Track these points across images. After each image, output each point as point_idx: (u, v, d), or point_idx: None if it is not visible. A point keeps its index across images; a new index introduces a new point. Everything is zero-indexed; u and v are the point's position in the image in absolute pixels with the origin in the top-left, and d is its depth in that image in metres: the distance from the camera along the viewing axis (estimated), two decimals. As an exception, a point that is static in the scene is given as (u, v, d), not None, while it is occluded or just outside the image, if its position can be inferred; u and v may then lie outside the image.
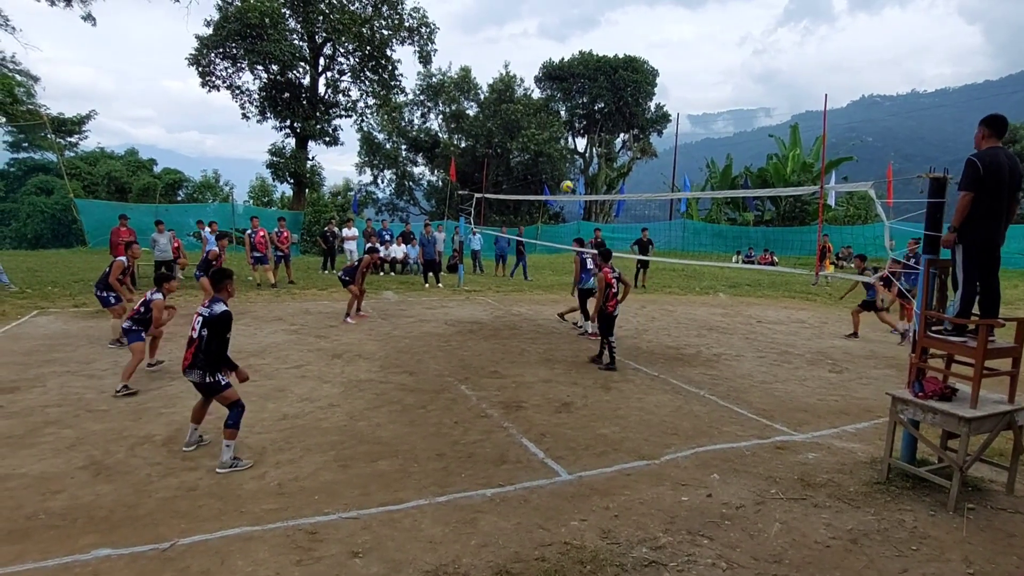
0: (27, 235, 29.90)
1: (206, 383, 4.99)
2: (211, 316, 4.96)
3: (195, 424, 5.31)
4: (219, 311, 5.00)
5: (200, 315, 5.03)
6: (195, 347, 4.97)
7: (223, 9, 25.40)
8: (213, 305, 5.02)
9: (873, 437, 6.08)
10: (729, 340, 11.09)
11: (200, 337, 4.95)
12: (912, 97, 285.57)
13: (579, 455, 5.43)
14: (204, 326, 4.96)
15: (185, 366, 5.03)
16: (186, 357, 5.03)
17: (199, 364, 4.95)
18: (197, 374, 4.97)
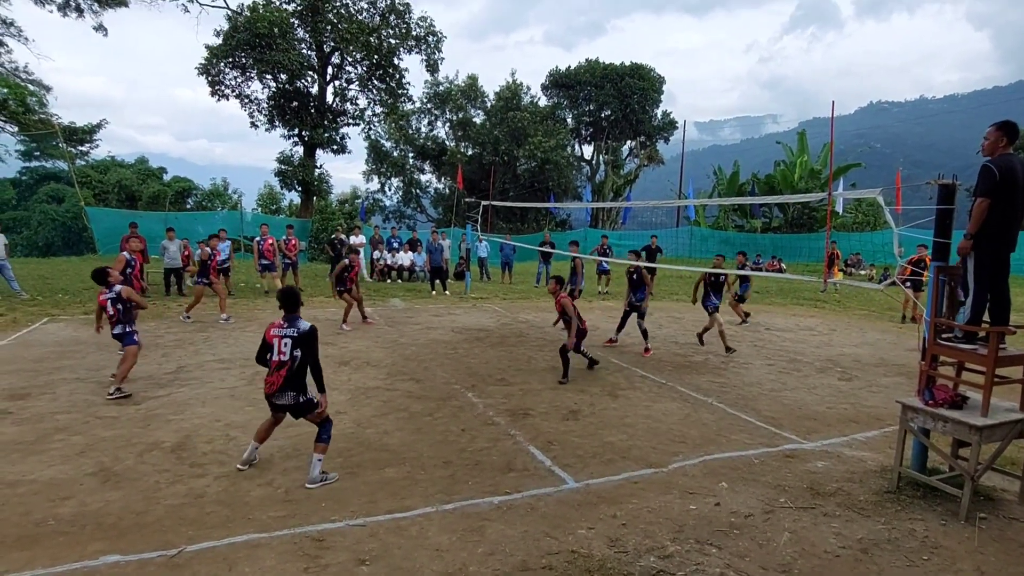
0: (38, 243, 30.21)
1: (300, 403, 4.88)
2: (301, 334, 4.85)
3: (258, 443, 5.17)
4: (306, 327, 4.90)
5: (286, 336, 4.86)
6: (286, 369, 4.81)
7: (233, 19, 25.67)
8: (297, 323, 4.92)
9: (883, 446, 6.03)
10: (737, 347, 11.04)
11: (292, 358, 4.82)
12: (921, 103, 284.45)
13: (586, 463, 5.41)
14: (296, 346, 4.83)
15: (273, 390, 4.86)
16: (272, 381, 4.85)
17: (292, 385, 4.83)
18: (290, 396, 4.84)
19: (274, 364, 4.87)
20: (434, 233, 17.64)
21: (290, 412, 5.00)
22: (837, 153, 39.02)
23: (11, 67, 27.92)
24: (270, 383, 4.88)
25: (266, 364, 4.97)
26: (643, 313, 10.32)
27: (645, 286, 10.31)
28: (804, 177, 33.38)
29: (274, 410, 5.05)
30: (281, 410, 5.02)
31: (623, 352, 10.28)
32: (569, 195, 39.63)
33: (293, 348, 4.84)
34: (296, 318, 4.98)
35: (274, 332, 4.92)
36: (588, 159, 46.35)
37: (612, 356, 9.88)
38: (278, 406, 4.96)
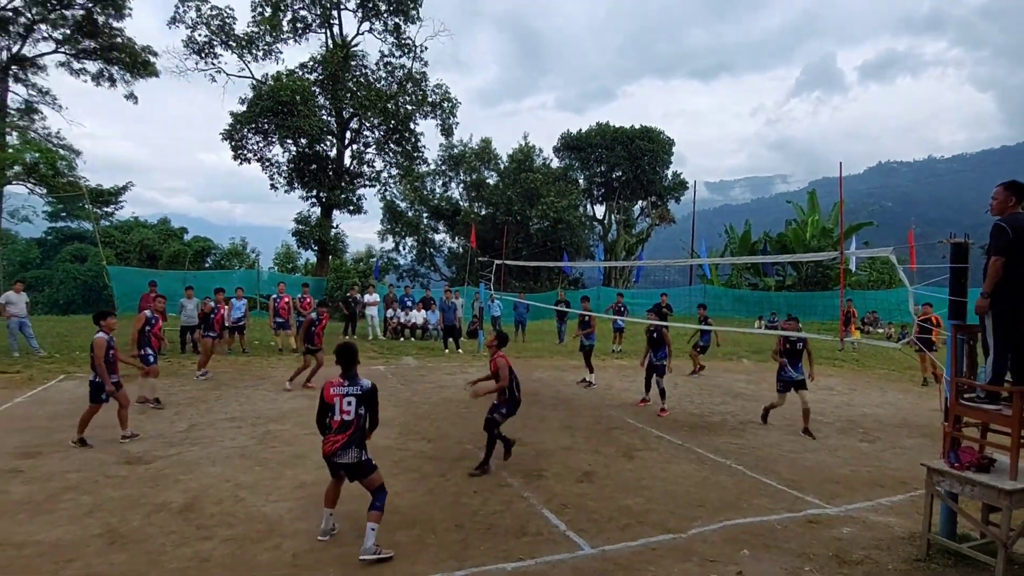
0: (59, 301, 30.73)
1: (361, 462, 4.75)
2: (364, 392, 4.80)
3: (330, 509, 4.95)
4: (368, 385, 4.88)
5: (349, 395, 4.75)
6: (353, 428, 4.71)
7: (257, 88, 26.84)
8: (359, 381, 4.86)
9: (910, 510, 5.80)
10: (755, 408, 10.81)
11: (358, 416, 4.74)
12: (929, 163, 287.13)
13: (602, 527, 5.25)
14: (360, 404, 4.75)
15: (334, 449, 4.70)
16: (335, 440, 4.69)
17: (356, 443, 4.72)
18: (354, 453, 4.71)
19: (336, 424, 4.72)
20: (447, 291, 17.76)
21: (348, 472, 4.79)
22: (848, 212, 39.23)
23: (44, 132, 29.24)
24: (332, 442, 4.72)
25: (327, 427, 4.79)
26: (663, 372, 10.22)
27: (666, 345, 10.25)
28: (816, 236, 33.48)
29: (334, 471, 4.87)
30: (341, 469, 4.82)
31: (638, 412, 10.12)
32: (582, 254, 39.93)
33: (358, 406, 4.75)
34: (356, 375, 4.90)
35: (334, 391, 4.79)
36: (600, 218, 46.93)
37: (627, 416, 9.72)
38: (339, 465, 4.77)
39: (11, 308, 12.84)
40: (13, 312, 12.85)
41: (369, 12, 28.05)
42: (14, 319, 12.88)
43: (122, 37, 28.23)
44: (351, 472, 4.80)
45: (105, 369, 7.30)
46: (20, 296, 13.07)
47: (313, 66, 27.73)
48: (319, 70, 27.56)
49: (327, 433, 4.79)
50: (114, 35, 28.02)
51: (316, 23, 28.18)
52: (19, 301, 13.00)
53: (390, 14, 28.09)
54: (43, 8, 26.44)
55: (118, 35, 28.12)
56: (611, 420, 9.39)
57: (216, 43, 26.89)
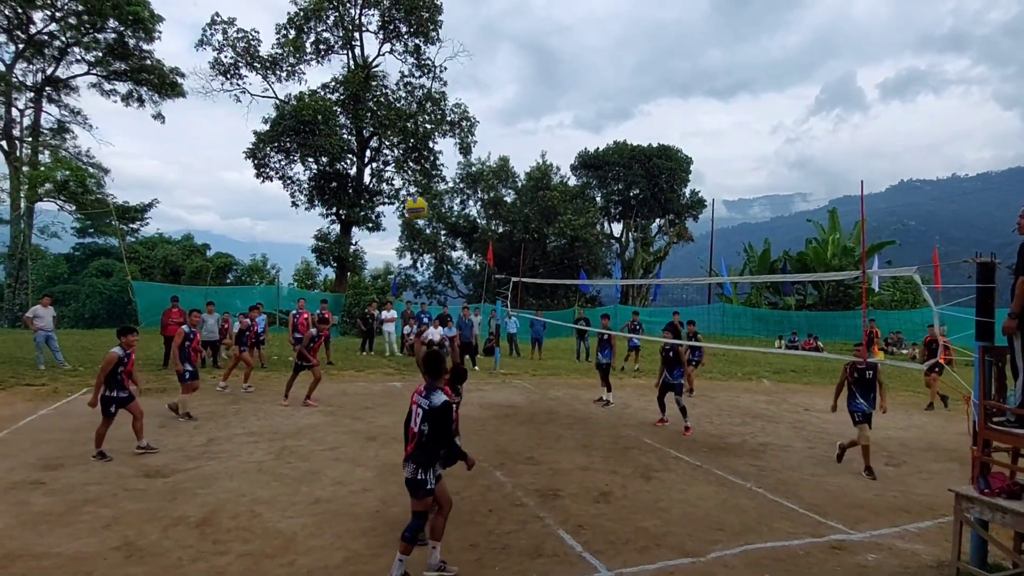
0: (85, 315, 31.34)
1: (417, 479, 4.50)
2: (431, 408, 4.51)
3: (435, 541, 4.68)
4: (438, 402, 4.52)
5: (420, 407, 4.57)
6: (416, 441, 4.53)
7: (280, 108, 27.39)
8: (432, 395, 4.57)
9: (938, 538, 5.63)
10: (776, 429, 10.64)
11: (420, 432, 4.51)
12: (954, 181, 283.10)
13: (619, 549, 5.16)
14: (425, 420, 4.50)
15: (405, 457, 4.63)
16: (408, 448, 4.61)
17: (415, 459, 4.52)
18: (410, 468, 4.52)
19: (410, 433, 4.60)
20: (465, 309, 17.79)
21: (407, 486, 4.61)
22: (870, 230, 38.70)
23: (75, 151, 30.09)
24: (406, 452, 4.62)
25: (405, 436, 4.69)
26: (680, 391, 10.11)
27: (681, 365, 10.15)
28: (837, 255, 33.06)
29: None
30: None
31: (656, 431, 9.99)
32: (599, 272, 39.83)
33: (422, 421, 4.54)
34: (435, 389, 4.64)
35: (415, 399, 4.67)
36: (617, 236, 46.85)
37: (645, 436, 9.60)
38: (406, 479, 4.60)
39: (39, 322, 13.11)
40: (40, 326, 13.12)
41: (390, 34, 28.59)
42: (41, 332, 13.14)
43: (151, 59, 29.13)
44: (407, 485, 4.59)
45: (102, 381, 7.40)
46: (48, 310, 13.35)
47: (335, 86, 28.27)
48: (341, 90, 28.07)
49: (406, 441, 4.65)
50: (144, 57, 28.91)
51: (338, 45, 28.79)
52: (46, 315, 13.27)
53: (411, 36, 28.59)
54: (77, 32, 27.36)
55: (147, 57, 29.02)
56: (628, 440, 9.29)
57: (241, 64, 27.57)
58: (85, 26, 27.14)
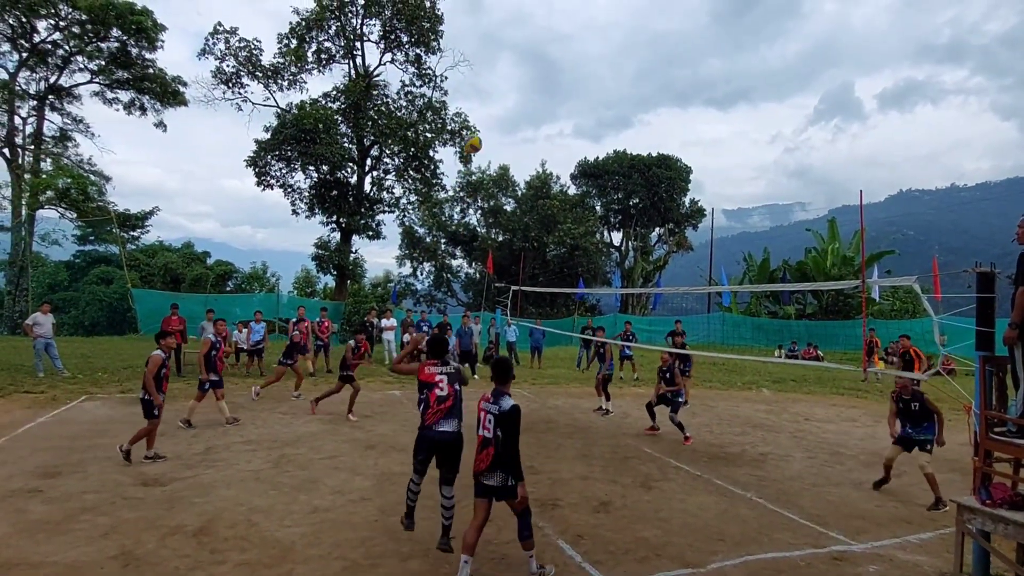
0: (84, 322, 31.28)
1: (507, 487, 4.58)
2: (501, 412, 4.61)
3: (468, 555, 4.59)
4: (507, 406, 4.62)
5: (490, 413, 4.68)
6: (492, 448, 4.59)
7: (281, 116, 27.50)
8: (501, 400, 4.69)
9: (940, 549, 5.60)
10: (776, 438, 10.61)
11: (496, 437, 4.59)
12: (952, 191, 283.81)
13: (619, 560, 5.13)
14: (498, 425, 4.59)
15: (481, 469, 4.65)
16: (481, 459, 4.66)
17: (501, 466, 4.56)
18: (499, 477, 4.57)
19: (479, 440, 4.72)
20: (465, 317, 17.78)
21: (493, 495, 4.68)
22: (869, 240, 38.78)
23: (76, 159, 30.18)
24: (479, 461, 4.67)
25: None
26: (676, 409, 10.07)
27: (682, 388, 10.31)
28: (837, 264, 33.11)
29: (480, 492, 4.71)
30: (488, 492, 4.67)
31: (655, 441, 9.96)
32: (598, 281, 39.85)
33: (496, 426, 4.61)
34: (503, 394, 4.76)
35: (482, 405, 4.82)
36: (617, 245, 46.90)
37: (644, 445, 9.57)
38: (486, 487, 4.65)
39: (38, 329, 13.11)
40: (40, 333, 13.11)
41: (391, 44, 28.74)
42: (40, 340, 13.13)
43: (154, 68, 29.29)
44: (496, 494, 4.66)
45: (154, 385, 7.54)
46: (47, 317, 13.35)
47: (336, 95, 28.40)
48: (342, 99, 28.20)
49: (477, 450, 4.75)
50: (146, 66, 29.07)
51: (340, 54, 28.94)
52: (46, 322, 13.26)
53: (412, 45, 28.74)
54: (80, 41, 27.51)
55: (150, 66, 29.18)
56: (628, 449, 9.26)
57: (243, 74, 27.71)
58: (88, 35, 27.29)
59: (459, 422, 5.15)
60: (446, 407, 5.15)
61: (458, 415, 5.18)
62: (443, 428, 5.11)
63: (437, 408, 5.15)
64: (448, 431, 5.11)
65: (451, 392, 5.20)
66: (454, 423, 5.13)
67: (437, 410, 5.14)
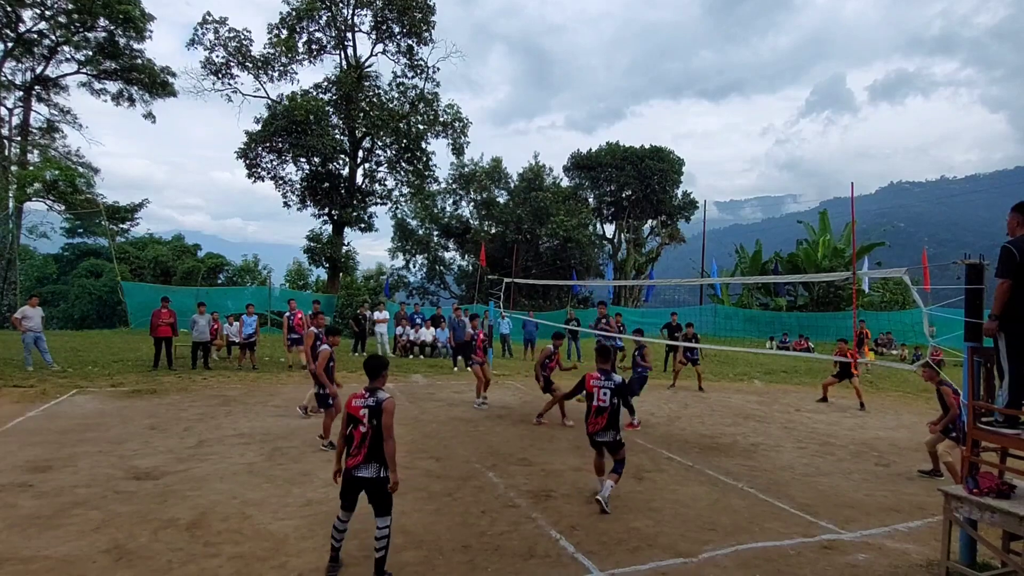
0: (74, 316, 31.04)
1: (618, 441, 6.22)
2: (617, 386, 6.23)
3: (601, 475, 6.40)
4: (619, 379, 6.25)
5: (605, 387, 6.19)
6: (607, 414, 6.16)
7: (272, 107, 27.30)
8: (612, 376, 6.26)
9: (928, 537, 5.67)
10: (767, 429, 10.69)
11: (612, 405, 6.16)
12: (942, 183, 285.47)
13: (612, 550, 5.17)
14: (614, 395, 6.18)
15: (596, 430, 6.22)
16: (596, 423, 6.20)
17: (612, 427, 6.17)
18: (611, 435, 6.20)
19: (594, 408, 6.19)
20: (456, 309, 17.78)
21: (609, 448, 6.26)
22: (860, 232, 39.01)
23: (64, 151, 29.86)
24: (593, 424, 6.23)
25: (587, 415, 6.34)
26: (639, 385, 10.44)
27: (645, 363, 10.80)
28: (828, 256, 33.27)
29: (596, 447, 6.37)
30: (600, 446, 6.34)
31: (647, 432, 10.02)
32: (591, 273, 39.90)
33: (611, 397, 6.15)
34: (609, 373, 6.29)
35: (593, 383, 6.23)
36: (610, 237, 46.94)
37: (637, 437, 9.61)
38: (599, 443, 6.30)
39: (27, 323, 13.00)
40: (29, 327, 13.00)
41: (383, 35, 28.56)
42: (30, 333, 13.03)
43: (142, 58, 28.98)
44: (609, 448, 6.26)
45: (326, 377, 8.14)
46: (36, 311, 13.23)
47: (327, 86, 28.22)
48: (333, 90, 28.03)
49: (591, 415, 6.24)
50: (134, 56, 28.75)
51: (331, 45, 28.73)
52: (35, 316, 13.15)
53: (403, 36, 28.57)
54: (67, 31, 27.14)
55: (138, 56, 28.87)
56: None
57: (233, 64, 27.47)
58: (75, 25, 26.94)
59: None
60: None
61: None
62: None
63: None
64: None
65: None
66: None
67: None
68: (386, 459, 4.48)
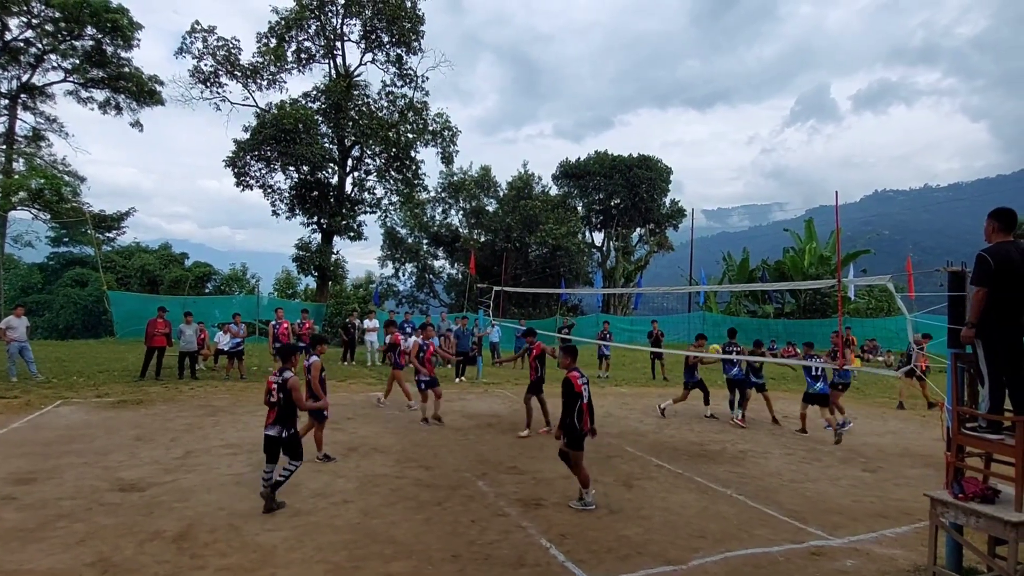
0: (59, 325, 30.68)
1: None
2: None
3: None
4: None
5: (586, 384, 6.67)
6: (590, 412, 6.56)
7: (261, 116, 27.21)
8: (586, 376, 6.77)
9: (915, 542, 5.72)
10: (755, 436, 10.75)
11: (590, 402, 6.60)
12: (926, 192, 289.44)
13: (601, 558, 5.17)
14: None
15: (590, 426, 6.54)
16: (588, 419, 6.51)
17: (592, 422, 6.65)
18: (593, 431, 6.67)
19: (584, 406, 6.48)
20: (463, 320, 17.74)
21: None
22: (845, 239, 39.41)
23: (50, 159, 29.54)
24: (585, 421, 6.51)
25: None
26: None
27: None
28: (814, 263, 33.59)
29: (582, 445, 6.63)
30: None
31: (637, 440, 10.04)
32: (580, 281, 39.99)
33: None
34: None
35: (579, 382, 6.51)
36: (599, 245, 47.11)
37: (626, 444, 9.64)
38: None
39: (11, 333, 12.83)
40: (13, 337, 12.83)
41: (372, 44, 28.59)
42: (14, 343, 12.86)
43: (129, 67, 28.78)
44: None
45: (320, 389, 7.77)
46: (21, 321, 13.07)
47: (316, 95, 28.17)
48: (322, 99, 27.98)
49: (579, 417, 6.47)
50: (122, 65, 28.55)
51: (320, 54, 28.72)
52: (20, 326, 12.99)
53: (392, 45, 28.61)
54: (54, 39, 26.95)
55: (126, 65, 28.67)
56: (611, 448, 9.32)
57: (221, 73, 27.35)
58: (62, 33, 26.74)
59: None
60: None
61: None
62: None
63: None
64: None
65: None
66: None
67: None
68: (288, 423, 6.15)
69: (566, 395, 6.49)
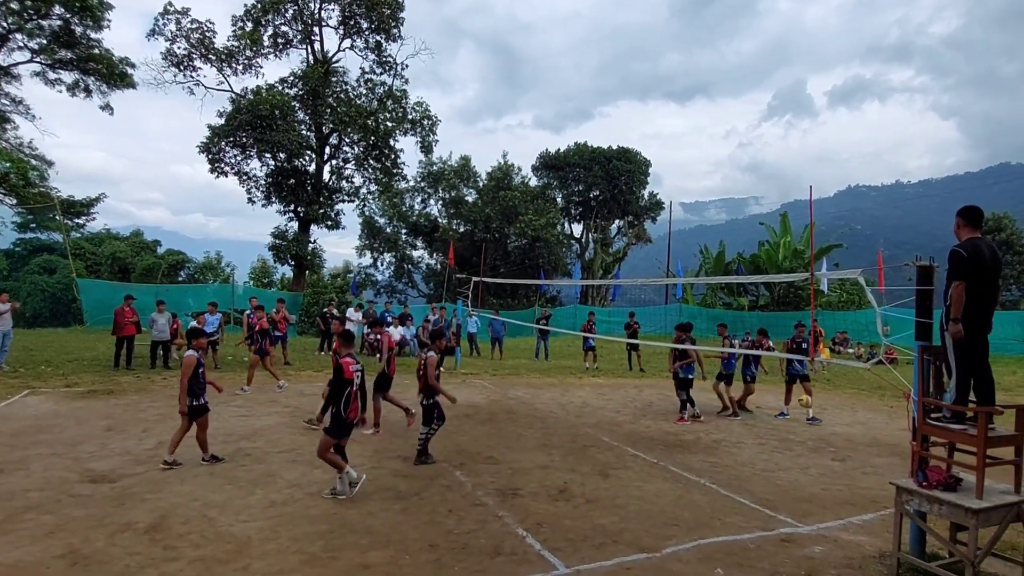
0: (25, 313, 29.89)
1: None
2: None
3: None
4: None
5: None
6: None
7: (236, 101, 26.71)
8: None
9: (880, 529, 5.89)
10: (728, 426, 10.93)
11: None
12: (897, 187, 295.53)
13: (577, 547, 5.23)
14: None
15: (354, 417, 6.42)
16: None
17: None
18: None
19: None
20: (441, 310, 17.67)
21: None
22: (819, 234, 40.05)
23: (16, 143, 28.67)
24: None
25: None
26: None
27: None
28: (788, 257, 34.13)
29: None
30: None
31: (613, 430, 10.14)
32: (559, 272, 40.15)
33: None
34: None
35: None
36: (578, 237, 47.29)
37: (603, 434, 9.74)
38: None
39: None
40: None
41: (351, 30, 28.21)
42: None
43: (99, 48, 27.98)
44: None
45: (187, 388, 7.09)
46: (5, 306, 12.80)
47: (293, 81, 27.74)
48: (299, 85, 27.57)
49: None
50: (91, 46, 27.74)
51: (297, 39, 28.28)
52: (5, 310, 12.75)
53: (372, 32, 28.27)
54: (19, 18, 26.07)
55: (95, 46, 27.86)
56: (587, 438, 9.40)
57: (195, 56, 26.80)
58: (29, 12, 25.88)
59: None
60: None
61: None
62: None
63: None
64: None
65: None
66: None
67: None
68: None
69: (336, 381, 6.29)
